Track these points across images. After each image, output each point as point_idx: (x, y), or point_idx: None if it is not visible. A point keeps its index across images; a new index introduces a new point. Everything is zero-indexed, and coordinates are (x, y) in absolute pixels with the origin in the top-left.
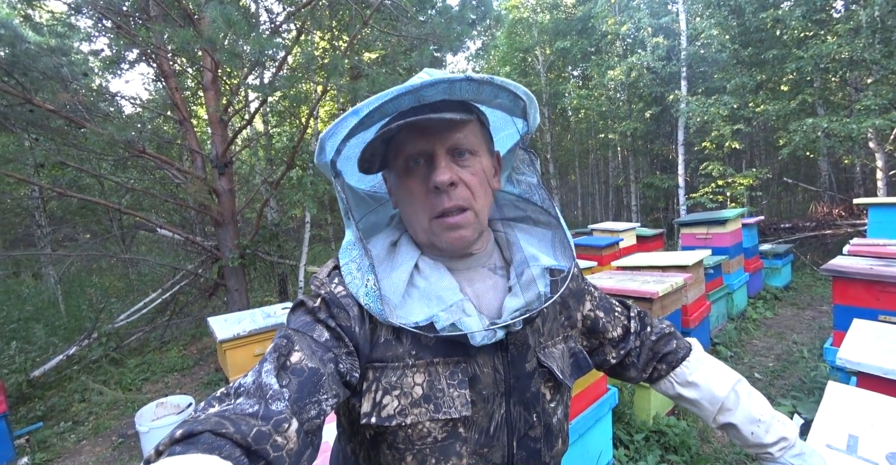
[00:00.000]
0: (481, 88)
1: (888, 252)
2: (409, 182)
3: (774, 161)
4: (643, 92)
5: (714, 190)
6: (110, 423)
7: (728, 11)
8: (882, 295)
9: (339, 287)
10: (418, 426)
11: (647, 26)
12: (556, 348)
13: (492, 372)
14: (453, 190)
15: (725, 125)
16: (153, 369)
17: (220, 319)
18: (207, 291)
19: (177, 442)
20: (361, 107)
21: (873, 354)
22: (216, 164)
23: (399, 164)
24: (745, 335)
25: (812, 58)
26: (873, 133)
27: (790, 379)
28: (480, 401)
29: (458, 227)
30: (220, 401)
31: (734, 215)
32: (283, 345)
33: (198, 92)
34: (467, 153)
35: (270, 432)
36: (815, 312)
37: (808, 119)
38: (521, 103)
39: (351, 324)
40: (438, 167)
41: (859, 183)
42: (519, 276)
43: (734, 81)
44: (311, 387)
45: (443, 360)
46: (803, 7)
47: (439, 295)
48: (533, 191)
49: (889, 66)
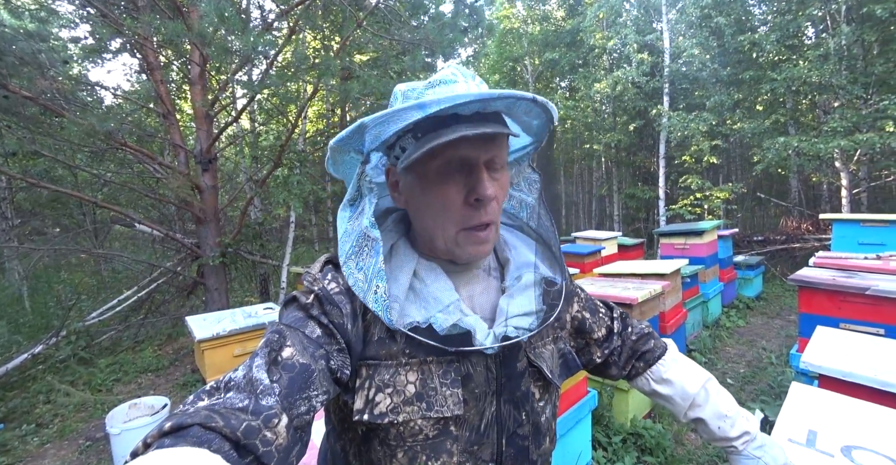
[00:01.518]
0: (534, 107)
1: (850, 265)
2: (444, 188)
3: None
4: (627, 105)
5: (692, 202)
6: (77, 426)
7: (709, 32)
8: (843, 305)
9: (332, 284)
10: (410, 423)
11: (633, 42)
12: (545, 349)
13: (484, 371)
14: (488, 204)
15: (704, 141)
16: (125, 370)
17: (199, 318)
18: (185, 289)
19: (166, 435)
20: (429, 103)
21: (834, 358)
22: (200, 159)
23: (434, 165)
24: (719, 342)
25: (785, 80)
26: (839, 153)
27: (759, 384)
28: (472, 400)
29: (485, 242)
30: (209, 395)
31: (710, 227)
32: (275, 340)
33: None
34: (500, 168)
35: (260, 426)
36: (784, 321)
37: (781, 138)
38: (550, 127)
39: (343, 321)
40: (482, 180)
41: (826, 200)
42: (516, 279)
43: (713, 98)
44: (301, 383)
45: (436, 359)
46: (778, 32)
47: (436, 296)
48: (522, 209)
49: (854, 91)
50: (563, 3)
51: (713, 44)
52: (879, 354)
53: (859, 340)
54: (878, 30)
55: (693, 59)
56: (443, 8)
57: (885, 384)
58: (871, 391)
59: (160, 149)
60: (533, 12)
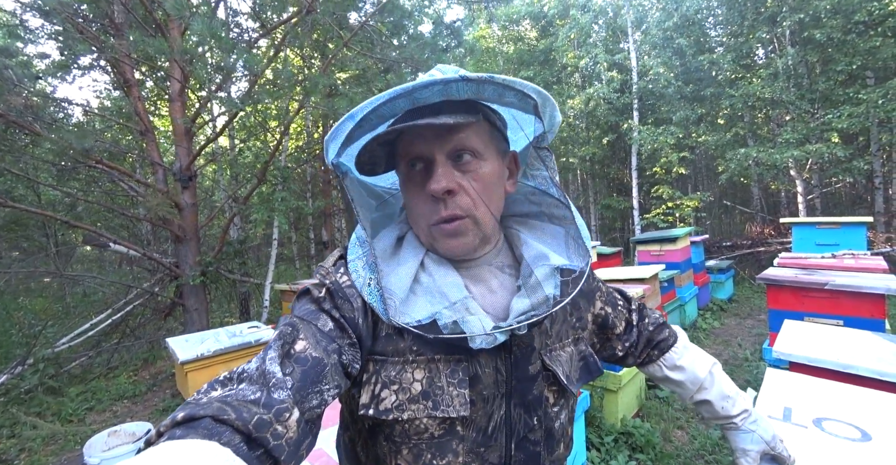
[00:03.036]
0: (481, 87)
1: (809, 264)
2: (409, 187)
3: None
4: (600, 120)
5: (665, 211)
6: (47, 459)
7: (672, 52)
8: (805, 300)
9: (343, 277)
10: (415, 421)
11: (604, 61)
12: (563, 351)
13: (493, 373)
14: (451, 198)
15: (673, 153)
16: (98, 398)
17: (181, 339)
18: (163, 311)
19: (177, 425)
20: (357, 111)
21: (801, 347)
22: (179, 177)
23: (401, 168)
24: (697, 343)
25: (741, 97)
26: (793, 163)
27: (737, 381)
28: (480, 401)
29: (457, 234)
30: (223, 385)
31: (683, 234)
32: (288, 333)
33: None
34: (468, 156)
35: (271, 420)
36: (755, 320)
37: (741, 149)
38: (531, 102)
39: (354, 316)
40: (434, 174)
41: (784, 206)
42: (528, 276)
43: (679, 113)
44: (314, 376)
45: (444, 357)
46: (733, 53)
47: (443, 291)
48: (548, 184)
49: (802, 106)
50: (536, 24)
51: (676, 63)
52: (840, 341)
53: (822, 330)
54: (818, 51)
55: (659, 77)
56: (422, 28)
57: (847, 367)
58: (835, 374)
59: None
60: (508, 33)
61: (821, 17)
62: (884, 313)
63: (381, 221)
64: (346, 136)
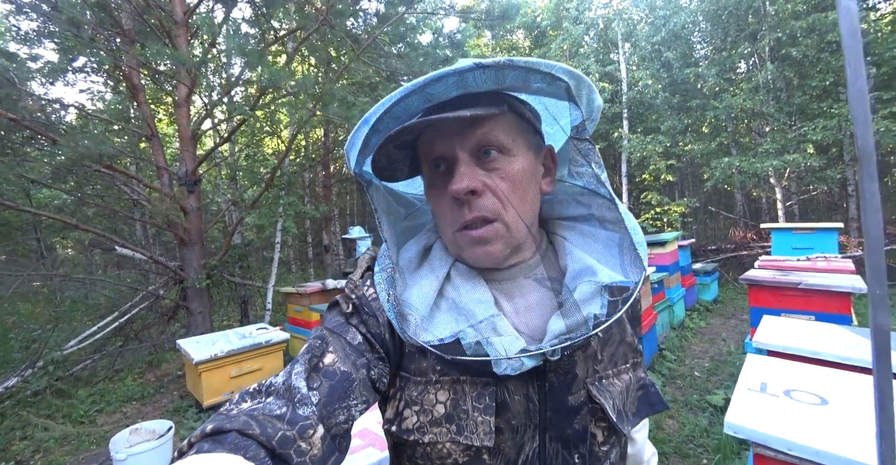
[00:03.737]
0: (502, 74)
1: (786, 266)
2: (433, 191)
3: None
4: None
5: (653, 216)
6: (64, 459)
7: (660, 65)
8: (782, 298)
9: (370, 290)
10: (437, 445)
11: (595, 72)
12: (618, 380)
13: (524, 400)
14: (476, 199)
15: (661, 160)
16: (107, 400)
17: (192, 341)
18: (166, 314)
19: (206, 437)
20: (370, 115)
21: (778, 337)
22: (185, 181)
23: (424, 171)
24: (685, 342)
25: (725, 108)
26: (773, 171)
27: (722, 375)
28: (508, 430)
29: (483, 241)
30: (252, 397)
31: (672, 238)
32: (317, 346)
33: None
34: (494, 152)
35: (295, 437)
36: (738, 320)
37: (725, 158)
38: (562, 85)
39: (381, 331)
40: (456, 173)
41: (765, 212)
42: (571, 291)
43: (666, 123)
44: (342, 391)
45: (470, 379)
46: (717, 67)
47: (469, 309)
48: (597, 182)
49: (780, 118)
50: (530, 34)
51: (664, 75)
52: (811, 333)
53: (796, 324)
54: (794, 68)
55: (647, 88)
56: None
57: (815, 353)
58: (806, 359)
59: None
60: (501, 42)
61: (797, 36)
62: (849, 309)
63: (410, 231)
64: (364, 142)
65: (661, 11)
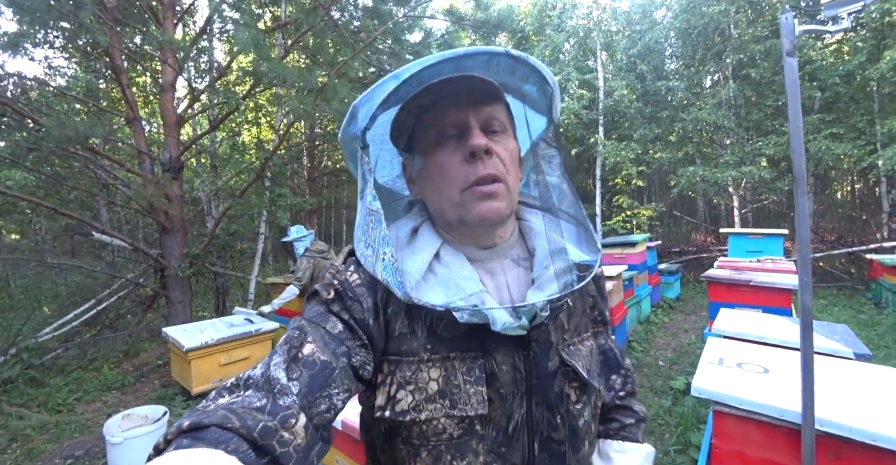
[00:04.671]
0: (517, 65)
1: (740, 266)
2: (441, 155)
3: (667, 197)
4: (569, 133)
5: (624, 219)
6: (46, 447)
7: (634, 77)
8: (736, 293)
9: (353, 275)
10: (433, 422)
11: (575, 79)
12: (583, 346)
13: (511, 371)
14: (489, 159)
15: (632, 166)
16: (85, 388)
17: (178, 329)
18: (144, 303)
19: (183, 433)
20: (402, 71)
21: (732, 325)
22: (169, 167)
23: (430, 137)
24: (650, 335)
25: (692, 120)
26: (731, 181)
27: (683, 364)
28: (498, 399)
29: (492, 196)
30: (230, 392)
31: (641, 239)
32: (296, 336)
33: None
34: (499, 130)
35: (277, 427)
36: (698, 316)
37: (691, 167)
38: (548, 90)
39: (364, 316)
40: (473, 134)
41: (724, 217)
42: (545, 268)
43: (639, 131)
44: (322, 381)
45: (459, 355)
46: (685, 81)
47: (459, 284)
48: (551, 192)
49: (739, 132)
50: (513, 38)
51: (638, 85)
52: (759, 322)
53: (747, 315)
54: (752, 87)
55: (622, 97)
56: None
57: (761, 337)
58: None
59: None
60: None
61: (756, 58)
62: (790, 303)
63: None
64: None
65: (637, 26)
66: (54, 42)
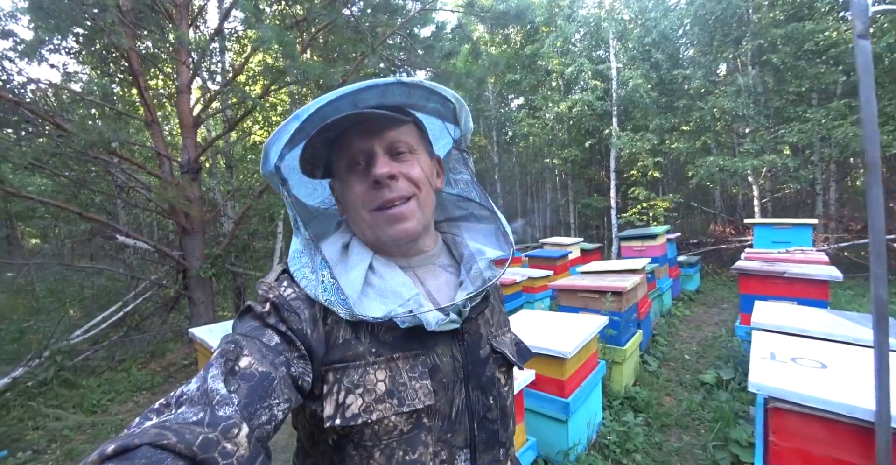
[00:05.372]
0: (412, 91)
1: (769, 257)
2: (351, 180)
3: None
4: (583, 125)
5: (640, 211)
6: (84, 447)
7: (649, 66)
8: (769, 285)
9: (287, 290)
10: (384, 421)
11: (587, 70)
12: (505, 337)
13: (450, 360)
14: (394, 183)
15: (649, 157)
16: (117, 389)
17: (205, 329)
18: (167, 304)
19: (108, 459)
20: (301, 112)
21: (773, 318)
22: (187, 169)
23: (342, 165)
24: (673, 328)
25: (710, 109)
26: (752, 170)
27: (709, 357)
28: (441, 389)
29: (401, 218)
30: (158, 413)
31: (662, 231)
32: (231, 350)
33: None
34: (406, 151)
35: (218, 438)
36: (719, 309)
37: (710, 157)
38: (451, 106)
39: (302, 327)
40: (377, 162)
41: (741, 207)
42: (468, 271)
43: (655, 121)
44: (262, 392)
45: (402, 355)
46: (703, 70)
47: (396, 291)
48: (470, 188)
49: (759, 120)
50: (522, 29)
51: (653, 75)
52: (801, 315)
53: (785, 308)
54: (773, 73)
55: (637, 87)
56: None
57: (804, 331)
58: (800, 336)
59: None
60: (495, 35)
61: (777, 43)
62: (827, 294)
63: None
64: (291, 136)
65: (651, 13)
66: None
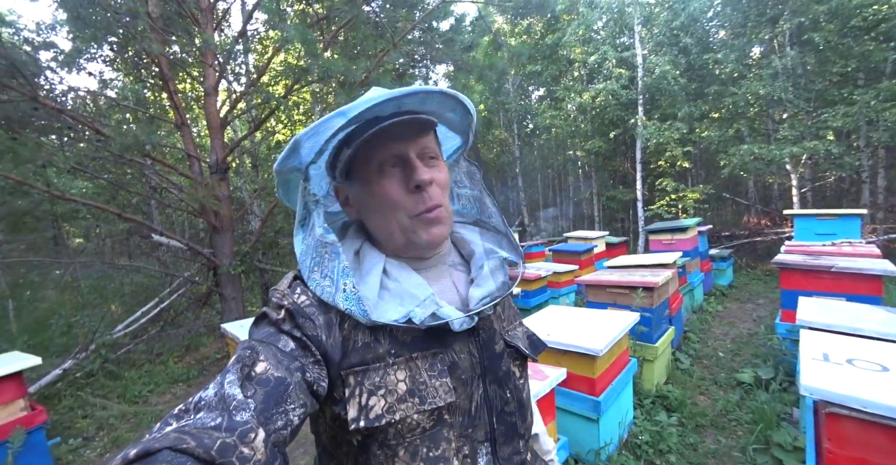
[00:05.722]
0: (446, 100)
1: (813, 251)
2: (386, 185)
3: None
4: (607, 115)
5: (668, 203)
6: (129, 435)
7: (678, 51)
8: (814, 281)
9: (301, 297)
10: (407, 419)
11: (612, 58)
12: (517, 331)
13: (468, 357)
14: (431, 189)
15: (677, 147)
16: (156, 381)
17: (236, 325)
18: (200, 300)
19: (130, 463)
20: (348, 109)
21: (822, 316)
22: (216, 169)
23: (371, 168)
24: (705, 325)
25: (743, 95)
26: (789, 158)
27: (745, 355)
28: (460, 386)
29: (438, 222)
30: (178, 418)
31: (693, 224)
32: (247, 356)
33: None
34: (434, 157)
35: (236, 443)
36: (754, 305)
37: (743, 145)
38: (469, 119)
39: (317, 333)
40: (417, 168)
41: (777, 198)
42: (480, 268)
43: (683, 109)
44: (277, 397)
45: (421, 354)
46: (736, 52)
47: (411, 293)
48: (472, 204)
49: (799, 105)
50: (542, 18)
51: (681, 60)
52: (853, 313)
53: (834, 305)
54: (815, 53)
55: (665, 73)
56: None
57: (857, 330)
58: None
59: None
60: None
61: (819, 20)
62: (881, 290)
63: None
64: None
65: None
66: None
